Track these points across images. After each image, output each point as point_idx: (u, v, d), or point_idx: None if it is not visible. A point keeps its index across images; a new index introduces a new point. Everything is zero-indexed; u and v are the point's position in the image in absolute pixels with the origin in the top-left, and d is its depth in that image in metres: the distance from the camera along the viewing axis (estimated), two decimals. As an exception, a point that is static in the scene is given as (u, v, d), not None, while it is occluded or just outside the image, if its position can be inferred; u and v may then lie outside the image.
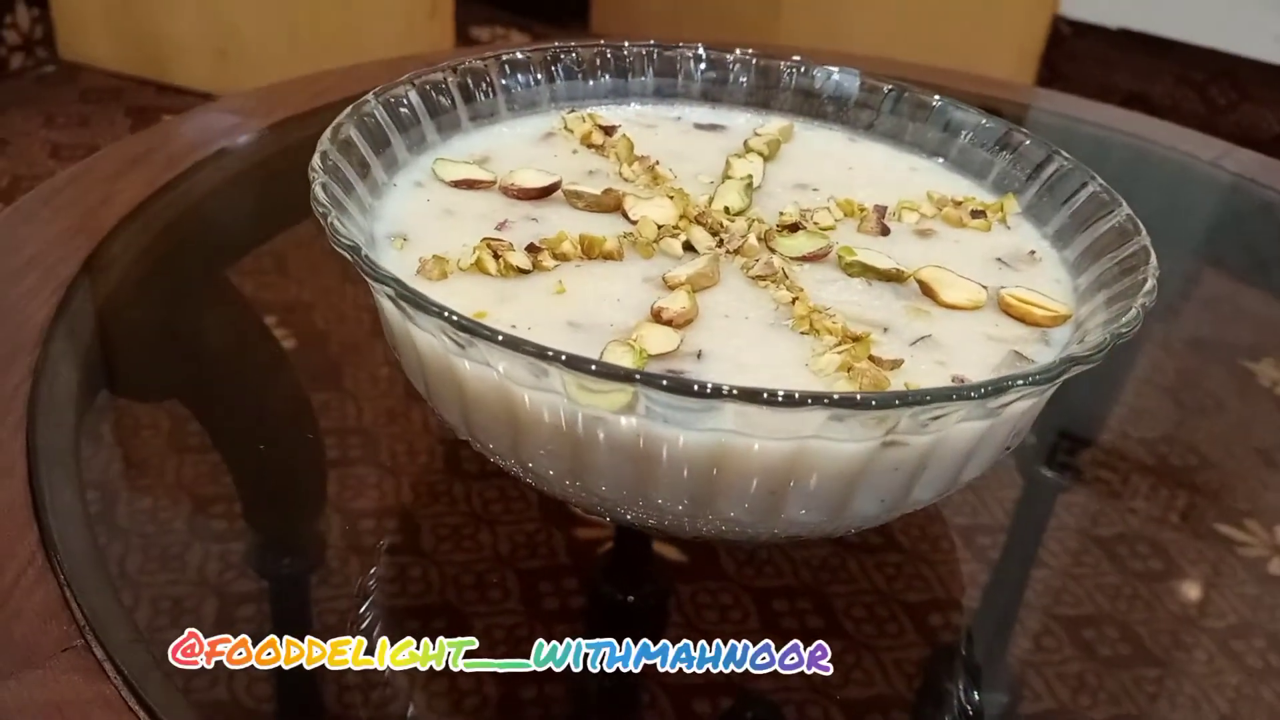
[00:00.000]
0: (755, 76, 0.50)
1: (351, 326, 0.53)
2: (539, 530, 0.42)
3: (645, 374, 0.28)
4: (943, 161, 0.47)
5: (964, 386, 0.29)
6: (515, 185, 0.41)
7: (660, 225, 0.39)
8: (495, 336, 0.29)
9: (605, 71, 0.49)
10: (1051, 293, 0.39)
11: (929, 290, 0.38)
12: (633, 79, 0.49)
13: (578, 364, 0.28)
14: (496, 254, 0.36)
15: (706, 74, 0.50)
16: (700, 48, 0.50)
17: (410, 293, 0.31)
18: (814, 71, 0.49)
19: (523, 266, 0.36)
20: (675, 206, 0.40)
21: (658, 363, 0.33)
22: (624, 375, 0.29)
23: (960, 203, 0.44)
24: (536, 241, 0.38)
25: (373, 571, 0.40)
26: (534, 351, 0.29)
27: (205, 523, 0.41)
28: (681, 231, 0.39)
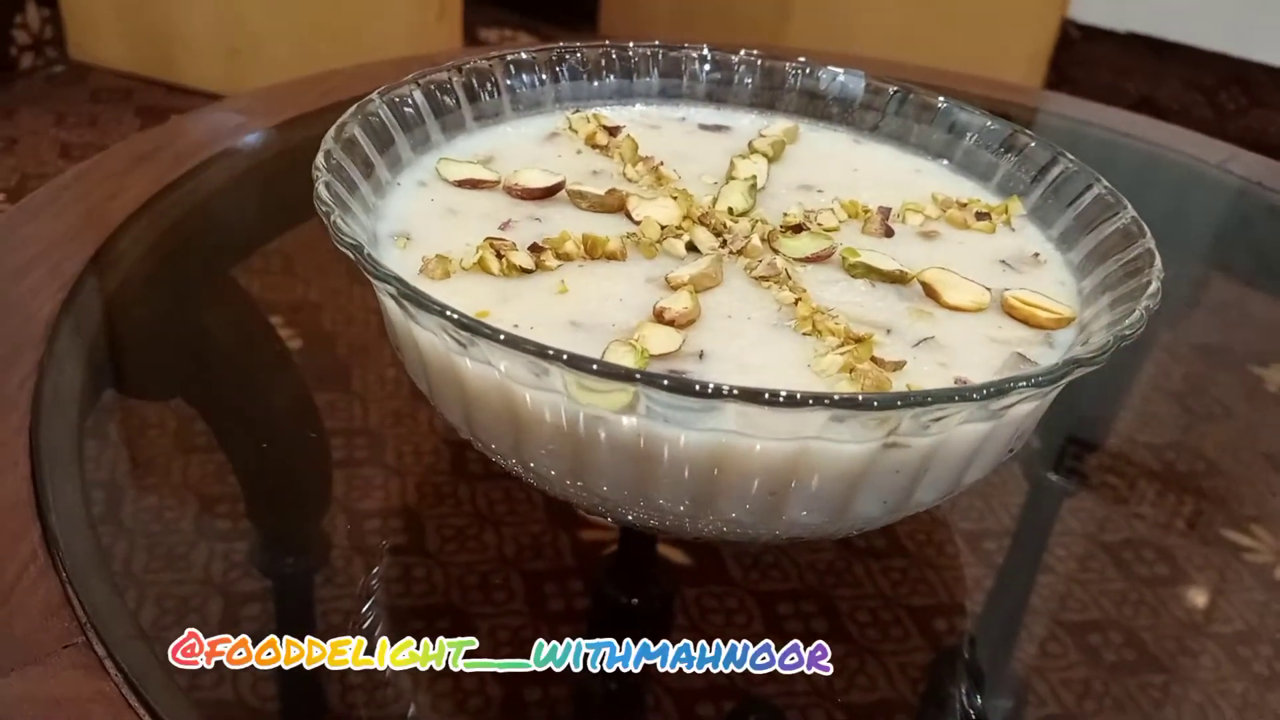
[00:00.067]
0: (760, 78, 0.50)
1: (358, 327, 0.53)
2: (544, 532, 0.42)
3: (646, 373, 0.28)
4: (948, 163, 0.47)
5: (966, 388, 0.29)
6: (519, 185, 0.41)
7: (664, 226, 0.39)
8: (497, 335, 0.29)
9: (610, 72, 0.49)
10: (1055, 295, 0.38)
11: (932, 292, 0.38)
12: (638, 80, 0.49)
13: (579, 363, 0.28)
14: (499, 253, 0.36)
15: (711, 75, 0.50)
16: (705, 49, 0.50)
17: (412, 291, 0.31)
18: (819, 73, 0.49)
19: (525, 266, 0.36)
20: (679, 207, 0.40)
21: (659, 363, 0.33)
22: (625, 375, 0.29)
23: (965, 205, 0.44)
24: (539, 241, 0.38)
25: (375, 571, 0.40)
26: (535, 350, 0.29)
27: (209, 522, 0.41)
28: (685, 232, 0.39)
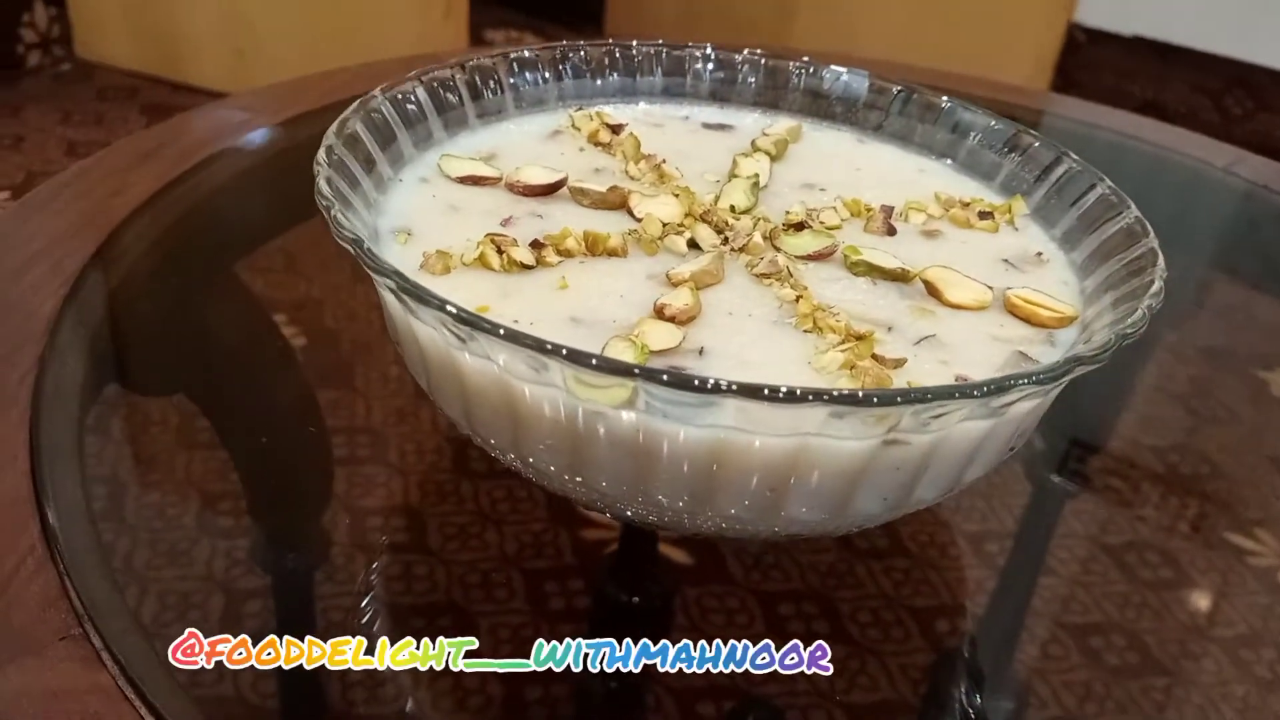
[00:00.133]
0: (764, 77, 0.50)
1: (361, 325, 0.53)
2: (545, 530, 0.42)
3: (645, 368, 0.28)
4: (951, 163, 0.47)
5: (966, 385, 0.29)
6: (521, 182, 0.41)
7: (665, 223, 0.39)
8: (496, 330, 0.29)
9: (614, 70, 0.49)
10: (1058, 294, 0.38)
11: (934, 290, 0.38)
12: (641, 78, 0.49)
13: (578, 358, 0.28)
14: (500, 249, 0.36)
15: (715, 74, 0.50)
16: (709, 48, 0.50)
17: (411, 286, 0.31)
18: (823, 72, 0.49)
19: (526, 262, 0.36)
20: (680, 204, 0.40)
21: (659, 359, 0.33)
22: (624, 369, 0.28)
23: (968, 204, 0.43)
24: (540, 237, 0.38)
25: (374, 566, 0.40)
26: (534, 345, 0.29)
27: (210, 518, 0.41)
28: (686, 229, 0.39)
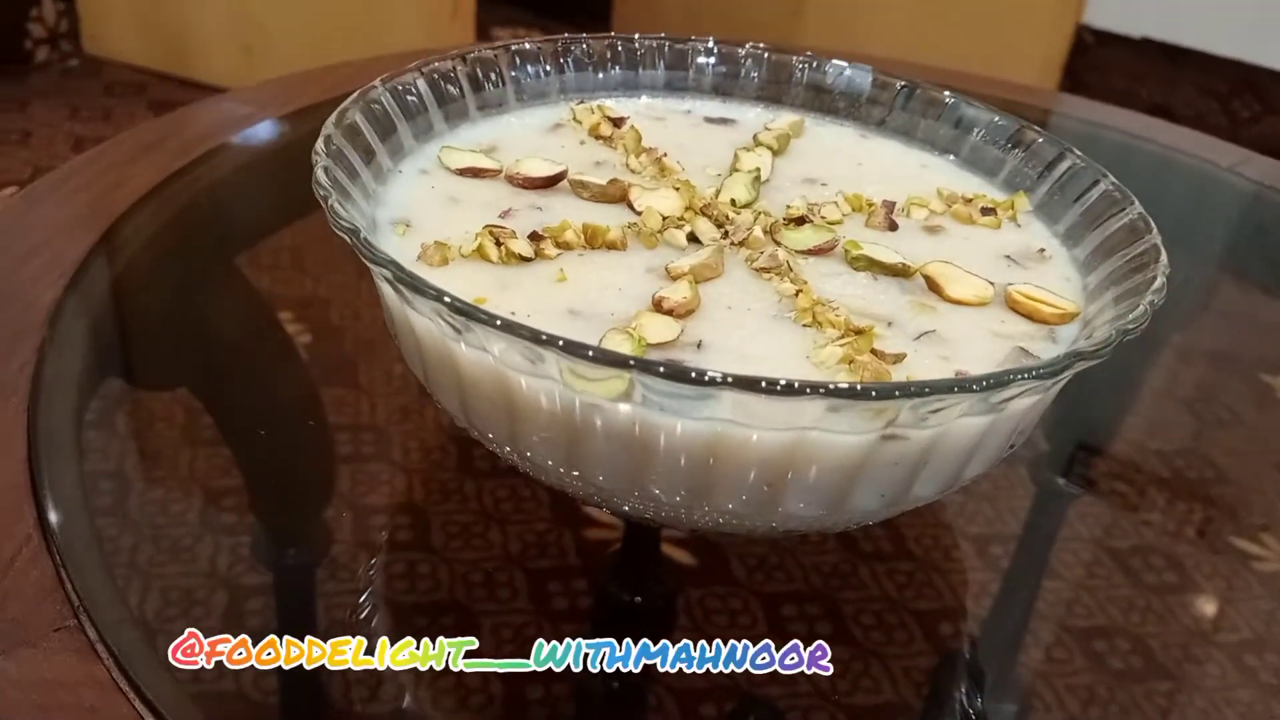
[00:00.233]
0: (766, 71, 0.49)
1: (366, 322, 0.53)
2: (549, 530, 0.42)
3: (641, 360, 0.28)
4: (954, 159, 0.47)
5: (965, 379, 0.29)
6: (521, 174, 0.41)
7: (665, 216, 0.39)
8: (492, 321, 0.29)
9: (615, 64, 0.49)
10: (1060, 290, 0.38)
11: (935, 285, 0.37)
12: (643, 72, 0.49)
13: (574, 349, 0.28)
14: (498, 241, 0.36)
15: (717, 68, 0.50)
16: (711, 41, 0.49)
17: (408, 276, 0.30)
18: (826, 67, 0.49)
19: (524, 254, 0.36)
20: (681, 198, 0.40)
21: (657, 352, 0.32)
22: (619, 361, 0.28)
23: (970, 200, 0.43)
24: (539, 230, 0.37)
25: (374, 561, 0.40)
26: (530, 336, 0.29)
27: (211, 512, 0.41)
28: (686, 223, 0.39)
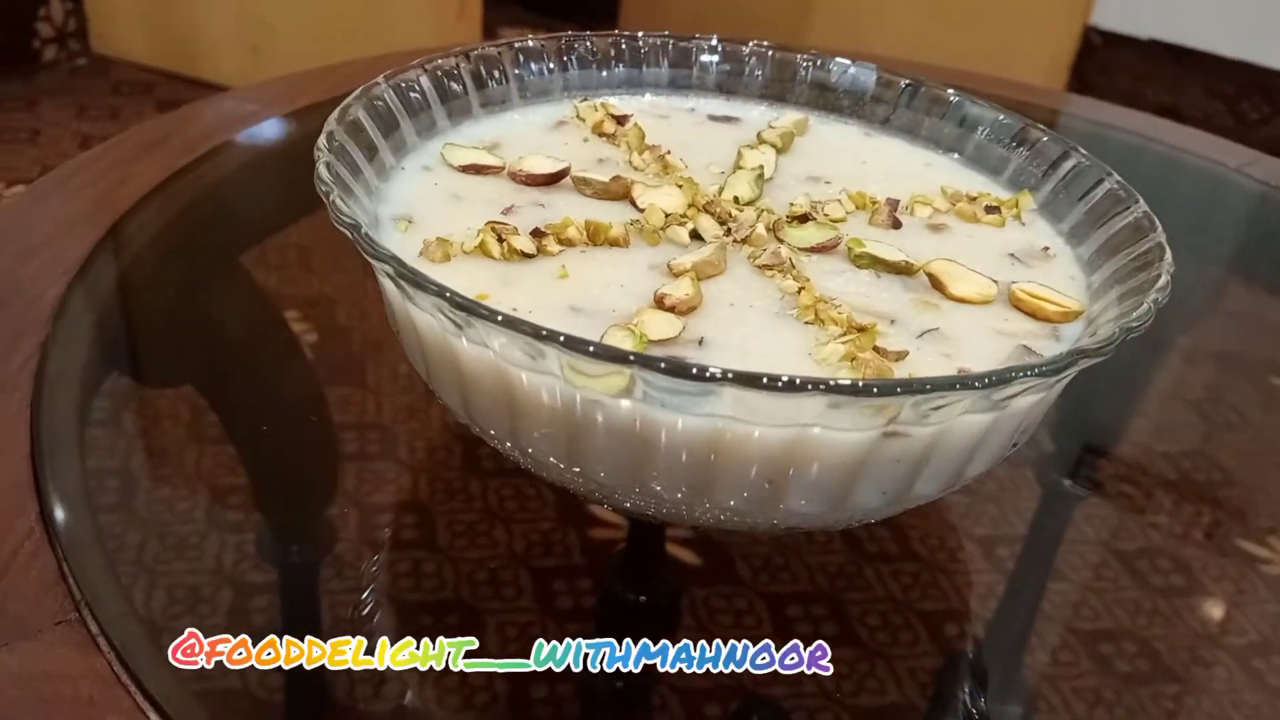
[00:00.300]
0: (770, 69, 0.49)
1: (373, 321, 0.53)
2: (554, 529, 0.42)
3: (641, 356, 0.28)
4: (958, 157, 0.47)
5: (967, 376, 0.29)
6: (523, 171, 0.41)
7: (668, 213, 0.39)
8: (494, 316, 0.29)
9: (619, 62, 0.49)
10: (1064, 289, 0.38)
11: (938, 283, 0.37)
12: (647, 69, 0.49)
13: (575, 345, 0.28)
14: (500, 237, 0.36)
15: (721, 66, 0.49)
16: (715, 39, 0.49)
17: (409, 271, 0.30)
18: (830, 65, 0.49)
19: (526, 250, 0.36)
20: (684, 195, 0.40)
21: (658, 348, 0.32)
22: (620, 357, 0.28)
23: (974, 198, 0.43)
24: (542, 226, 0.37)
25: (378, 560, 0.40)
26: (531, 332, 0.28)
27: (215, 510, 0.41)
28: (689, 220, 0.39)
